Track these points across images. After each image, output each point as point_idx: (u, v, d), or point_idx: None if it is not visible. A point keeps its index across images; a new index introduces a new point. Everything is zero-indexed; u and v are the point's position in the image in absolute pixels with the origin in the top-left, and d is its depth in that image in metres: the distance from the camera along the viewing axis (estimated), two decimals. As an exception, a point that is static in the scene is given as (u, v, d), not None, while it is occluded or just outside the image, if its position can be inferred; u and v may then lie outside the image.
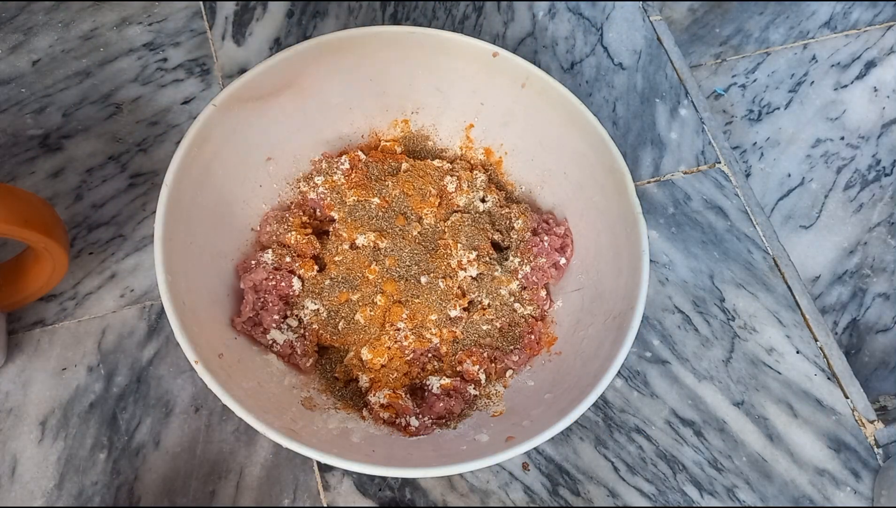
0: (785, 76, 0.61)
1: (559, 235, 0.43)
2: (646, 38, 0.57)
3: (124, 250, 0.45)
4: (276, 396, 0.36)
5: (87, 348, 0.42)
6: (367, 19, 0.55)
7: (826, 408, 0.46)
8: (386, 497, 0.40)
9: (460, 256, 0.42)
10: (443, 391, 0.39)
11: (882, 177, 0.58)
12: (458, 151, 0.47)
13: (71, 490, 0.39)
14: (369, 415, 0.38)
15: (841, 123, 0.60)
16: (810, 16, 0.63)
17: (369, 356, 0.39)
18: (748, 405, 0.45)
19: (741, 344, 0.47)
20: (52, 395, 0.40)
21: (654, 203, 0.51)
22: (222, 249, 0.40)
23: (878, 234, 0.56)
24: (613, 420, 0.44)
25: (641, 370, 0.45)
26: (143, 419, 0.40)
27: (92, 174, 0.46)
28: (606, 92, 0.54)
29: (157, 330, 0.43)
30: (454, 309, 0.41)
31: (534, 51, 0.55)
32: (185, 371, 0.42)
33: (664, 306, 0.47)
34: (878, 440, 0.45)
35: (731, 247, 0.50)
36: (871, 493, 0.44)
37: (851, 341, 0.53)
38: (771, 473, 0.43)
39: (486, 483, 0.41)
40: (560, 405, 0.35)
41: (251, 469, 0.40)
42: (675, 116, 0.54)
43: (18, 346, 0.41)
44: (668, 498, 0.42)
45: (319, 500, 0.40)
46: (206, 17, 0.54)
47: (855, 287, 0.54)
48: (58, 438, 0.40)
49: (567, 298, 0.43)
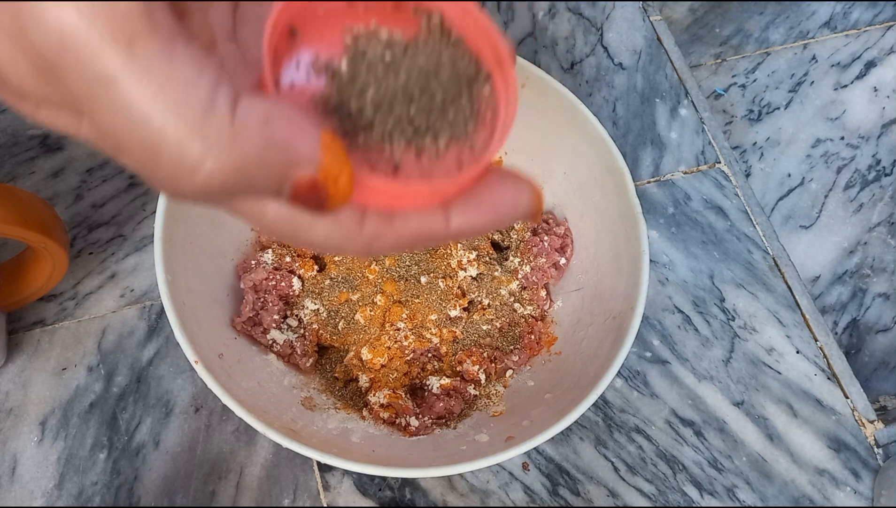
0: (785, 76, 0.61)
1: (559, 235, 0.43)
2: (646, 38, 0.57)
3: (124, 250, 0.45)
4: (276, 396, 0.36)
5: (87, 348, 0.42)
6: (367, 19, 0.55)
7: (826, 408, 0.46)
8: (386, 497, 0.40)
9: (460, 256, 0.42)
10: (443, 391, 0.39)
11: (882, 177, 0.58)
12: (458, 151, 0.47)
13: (71, 490, 0.39)
14: (369, 415, 0.38)
15: (841, 123, 0.60)
16: (810, 16, 0.63)
17: (369, 356, 0.39)
18: (748, 405, 0.45)
19: (741, 344, 0.47)
20: (52, 395, 0.40)
21: (654, 203, 0.51)
22: (222, 249, 0.40)
23: (878, 234, 0.56)
24: (613, 420, 0.44)
25: (641, 370, 0.45)
26: (143, 419, 0.40)
27: (92, 174, 0.46)
28: (606, 92, 0.54)
29: (157, 330, 0.43)
30: (454, 309, 0.41)
31: (534, 51, 0.55)
32: (185, 371, 0.42)
33: (664, 306, 0.47)
34: (878, 440, 0.45)
35: (731, 247, 0.50)
36: (871, 493, 0.44)
37: (851, 341, 0.53)
38: (771, 473, 0.43)
39: (486, 483, 0.41)
40: (560, 405, 0.35)
41: (251, 469, 0.40)
42: (675, 116, 0.54)
43: (18, 346, 0.41)
44: (668, 498, 0.42)
45: (319, 500, 0.40)
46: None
47: (855, 287, 0.54)
48: (58, 438, 0.40)
49: (567, 298, 0.43)
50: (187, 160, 0.14)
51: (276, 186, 0.15)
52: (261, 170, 0.15)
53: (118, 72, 0.14)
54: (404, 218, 0.17)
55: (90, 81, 0.14)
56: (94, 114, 0.14)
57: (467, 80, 0.18)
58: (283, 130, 0.15)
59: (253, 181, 0.15)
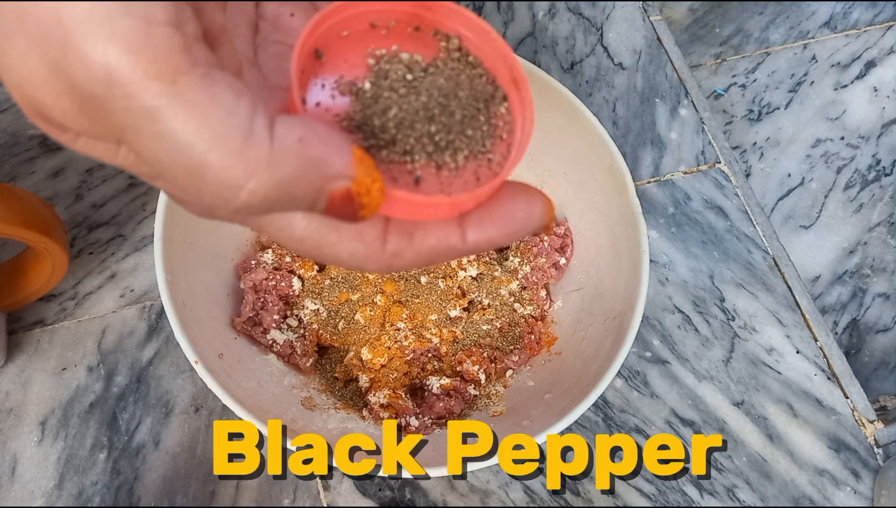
0: (785, 76, 0.61)
1: (559, 235, 0.43)
2: (646, 38, 0.57)
3: (124, 250, 0.45)
4: (276, 396, 0.36)
5: (87, 348, 0.42)
6: (367, 19, 0.55)
7: (826, 408, 0.46)
8: (386, 497, 0.40)
9: (460, 256, 0.42)
10: (443, 391, 0.39)
11: (882, 177, 0.58)
12: (458, 151, 0.47)
13: (71, 490, 0.39)
14: (369, 415, 0.38)
15: (841, 123, 0.60)
16: (810, 16, 0.63)
17: (369, 356, 0.39)
18: (748, 405, 0.45)
19: (741, 344, 0.47)
20: (51, 395, 0.40)
21: (654, 203, 0.51)
22: (222, 249, 0.40)
23: (878, 234, 0.56)
24: (613, 420, 0.44)
25: (641, 370, 0.45)
26: (143, 419, 0.40)
27: (92, 174, 0.46)
28: (606, 92, 0.54)
29: (157, 330, 0.43)
30: (454, 309, 0.41)
31: (534, 51, 0.55)
32: (185, 371, 0.42)
33: (664, 306, 0.47)
34: (878, 440, 0.45)
35: (731, 247, 0.50)
36: (871, 493, 0.44)
37: (851, 341, 0.53)
38: (771, 473, 0.43)
39: (486, 483, 0.41)
40: (560, 405, 0.35)
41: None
42: (675, 116, 0.54)
43: (18, 346, 0.41)
44: (668, 498, 0.42)
45: (319, 500, 0.40)
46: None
47: (855, 287, 0.54)
48: (58, 438, 0.40)
49: (567, 298, 0.43)
50: (232, 183, 0.15)
51: (312, 200, 0.16)
52: (299, 186, 0.16)
53: (164, 106, 0.14)
54: (423, 235, 0.18)
55: (136, 115, 0.15)
56: (138, 144, 0.15)
57: (485, 99, 0.19)
58: (317, 148, 0.16)
59: (292, 196, 0.16)
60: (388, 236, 0.18)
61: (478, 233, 0.18)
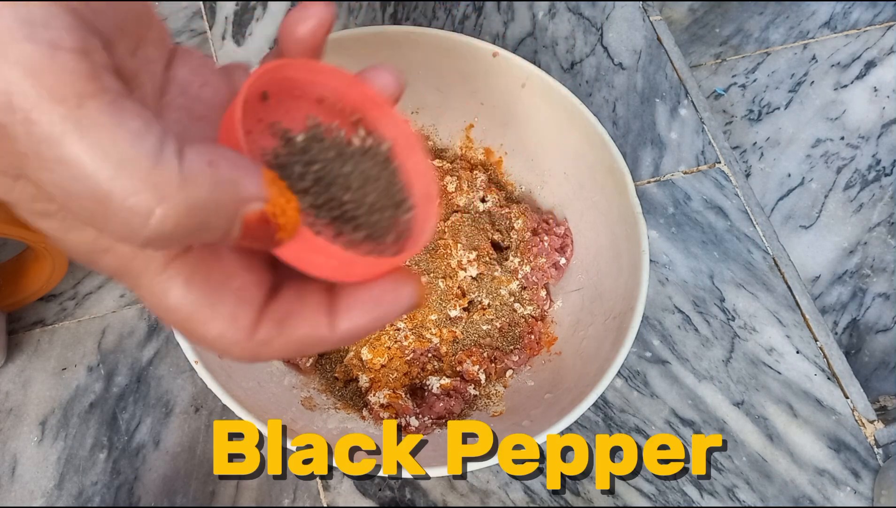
0: (785, 76, 0.61)
1: (559, 235, 0.43)
2: (646, 38, 0.57)
3: (124, 250, 0.45)
4: (276, 396, 0.36)
5: (87, 348, 0.42)
6: (367, 19, 0.55)
7: (826, 408, 0.46)
8: (386, 497, 0.40)
9: (460, 256, 0.42)
10: (443, 391, 0.39)
11: (882, 177, 0.58)
12: (458, 151, 0.47)
13: (71, 490, 0.39)
14: (369, 415, 0.38)
15: (841, 123, 0.60)
16: (810, 16, 0.63)
17: (369, 356, 0.39)
18: (748, 405, 0.45)
19: (741, 344, 0.47)
20: (52, 395, 0.40)
21: (654, 203, 0.51)
22: (222, 249, 0.40)
23: (878, 234, 0.56)
24: (613, 420, 0.44)
25: (641, 370, 0.45)
26: (143, 419, 0.40)
27: (92, 174, 0.46)
28: (606, 92, 0.54)
29: (157, 330, 0.43)
30: (454, 309, 0.41)
31: (534, 51, 0.55)
32: (185, 371, 0.42)
33: (664, 306, 0.47)
34: (878, 440, 0.45)
35: (731, 247, 0.50)
36: (871, 493, 0.44)
37: (851, 341, 0.53)
38: (771, 473, 0.43)
39: (486, 483, 0.41)
40: (560, 405, 0.35)
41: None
42: (675, 116, 0.54)
43: (18, 346, 0.41)
44: (668, 498, 0.42)
45: (319, 500, 0.40)
46: (206, 17, 0.54)
47: (855, 287, 0.54)
48: (58, 438, 0.40)
49: (567, 298, 0.43)
50: (140, 209, 0.14)
51: (227, 226, 0.16)
52: (211, 211, 0.15)
53: (68, 130, 0.14)
54: (294, 325, 0.18)
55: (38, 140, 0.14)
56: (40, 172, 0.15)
57: (394, 203, 0.20)
58: (228, 171, 0.16)
59: (205, 223, 0.15)
60: (260, 324, 0.18)
61: (347, 321, 0.18)
